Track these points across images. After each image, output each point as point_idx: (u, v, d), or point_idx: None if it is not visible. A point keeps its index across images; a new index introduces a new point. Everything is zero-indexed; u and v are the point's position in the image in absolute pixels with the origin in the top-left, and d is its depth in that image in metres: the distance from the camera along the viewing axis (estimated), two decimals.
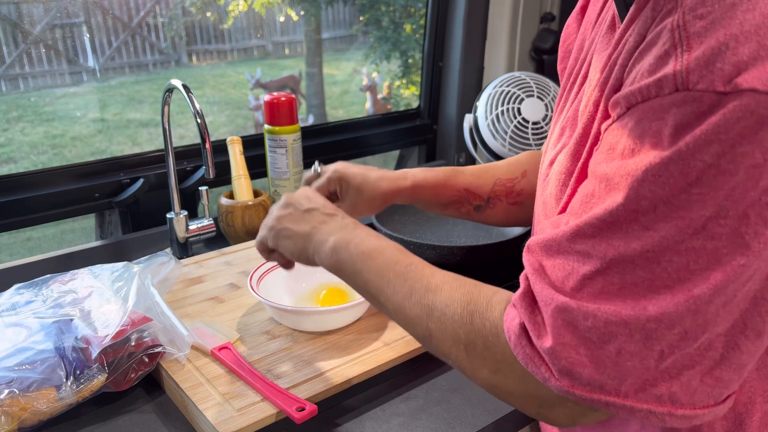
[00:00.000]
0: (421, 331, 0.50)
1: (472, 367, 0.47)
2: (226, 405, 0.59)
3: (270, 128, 1.00)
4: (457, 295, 0.48)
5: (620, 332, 0.37)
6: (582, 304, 0.38)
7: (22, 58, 2.15)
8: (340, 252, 0.55)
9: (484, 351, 0.45)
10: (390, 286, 0.52)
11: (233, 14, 2.89)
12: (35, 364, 0.60)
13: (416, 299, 0.50)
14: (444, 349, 0.48)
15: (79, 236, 1.31)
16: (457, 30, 1.29)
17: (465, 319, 0.47)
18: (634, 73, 0.38)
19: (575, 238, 0.39)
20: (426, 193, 0.73)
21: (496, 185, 0.75)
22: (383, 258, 0.53)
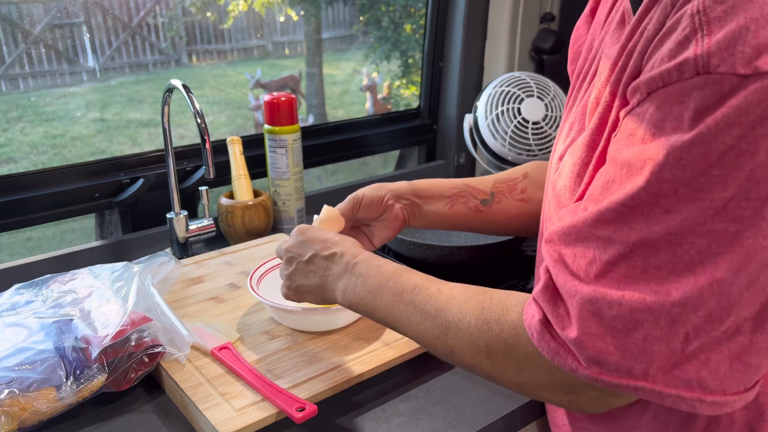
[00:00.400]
0: (443, 349, 0.51)
1: (498, 372, 0.48)
2: (226, 405, 0.59)
3: (270, 128, 1.00)
4: (468, 307, 0.50)
5: (646, 319, 0.38)
6: (606, 292, 0.39)
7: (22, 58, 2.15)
8: (349, 297, 0.58)
9: (506, 354, 0.46)
10: (403, 318, 0.54)
11: (233, 14, 2.89)
12: (35, 364, 0.60)
13: (430, 322, 0.52)
14: (468, 362, 0.50)
15: (79, 236, 1.31)
16: (457, 30, 1.29)
17: (481, 328, 0.48)
18: (654, 59, 0.39)
19: (596, 224, 0.40)
20: (425, 188, 0.73)
21: (497, 182, 0.75)
22: (388, 291, 0.55)
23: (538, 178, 0.76)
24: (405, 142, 1.38)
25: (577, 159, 0.48)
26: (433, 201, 0.74)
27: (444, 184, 0.74)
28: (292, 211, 1.04)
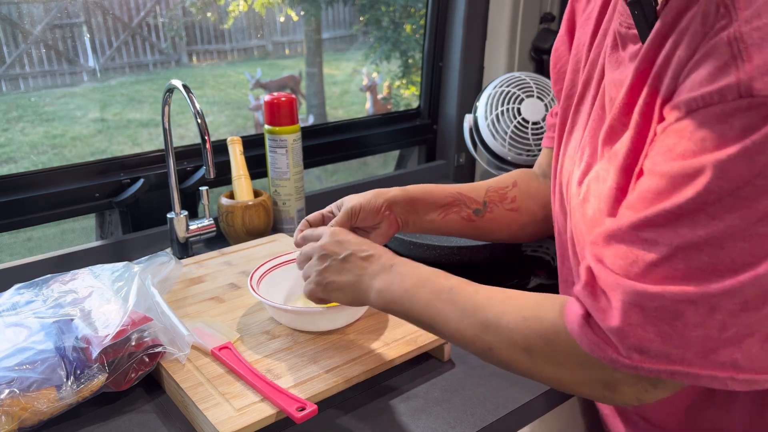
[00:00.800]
0: (481, 346, 0.53)
1: (536, 368, 0.50)
2: (227, 405, 0.59)
3: (270, 128, 1.00)
4: (506, 306, 0.52)
5: (687, 309, 0.40)
6: (648, 287, 0.41)
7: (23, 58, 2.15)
8: (385, 295, 0.59)
9: (544, 349, 0.48)
10: (441, 315, 0.55)
11: (233, 14, 2.89)
12: (35, 364, 0.60)
13: (468, 320, 0.53)
14: (505, 358, 0.51)
15: (80, 236, 1.31)
16: (457, 30, 1.29)
17: (520, 326, 0.50)
18: (691, 82, 0.42)
19: (641, 228, 0.42)
20: (420, 195, 0.73)
21: (488, 191, 0.77)
22: (426, 290, 0.57)
23: (527, 186, 0.78)
24: (405, 142, 1.38)
25: (613, 183, 0.50)
26: (427, 210, 0.74)
27: (438, 192, 0.75)
28: (292, 211, 1.04)
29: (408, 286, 0.58)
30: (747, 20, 0.39)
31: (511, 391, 0.65)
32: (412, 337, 0.70)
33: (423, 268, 0.59)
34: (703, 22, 0.42)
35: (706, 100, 0.40)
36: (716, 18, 0.41)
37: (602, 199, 0.52)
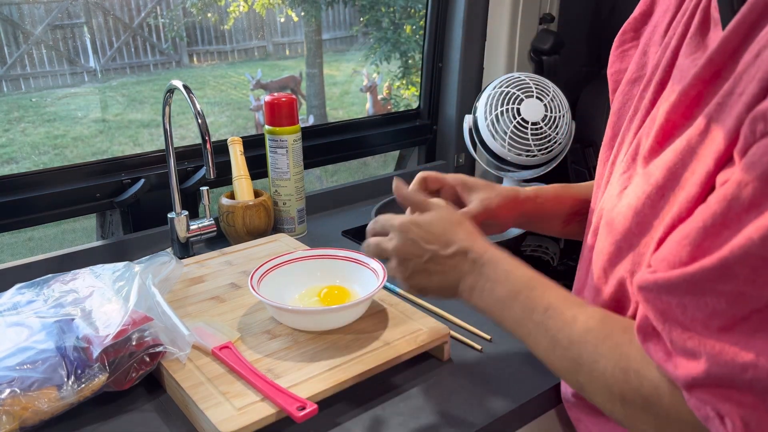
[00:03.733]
0: (572, 383, 0.49)
1: (633, 422, 0.45)
2: (227, 404, 0.59)
3: (270, 129, 1.00)
4: (605, 350, 0.46)
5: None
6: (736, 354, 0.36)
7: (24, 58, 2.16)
8: (475, 300, 0.55)
9: (645, 407, 0.43)
10: (531, 338, 0.51)
11: (234, 15, 2.89)
12: (36, 364, 0.60)
13: (560, 352, 0.48)
14: (598, 402, 0.47)
15: (80, 236, 1.31)
16: (456, 31, 1.29)
17: (618, 377, 0.44)
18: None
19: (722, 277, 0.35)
20: (548, 203, 0.70)
21: None
22: (518, 306, 0.52)
23: None
24: (405, 142, 1.38)
25: (654, 181, 0.44)
26: (551, 219, 0.70)
27: (567, 196, 0.70)
28: (292, 212, 1.04)
29: (498, 296, 0.53)
30: None
31: (510, 392, 0.66)
32: (412, 337, 0.70)
33: (517, 271, 0.53)
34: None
35: None
36: None
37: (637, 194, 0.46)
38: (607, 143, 0.60)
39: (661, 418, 0.43)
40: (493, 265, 0.54)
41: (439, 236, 0.56)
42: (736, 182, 0.36)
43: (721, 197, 0.36)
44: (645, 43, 0.57)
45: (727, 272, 0.35)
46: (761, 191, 0.34)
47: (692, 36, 0.48)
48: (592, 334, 0.47)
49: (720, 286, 0.36)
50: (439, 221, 0.57)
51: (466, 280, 0.55)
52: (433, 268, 0.56)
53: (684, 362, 0.39)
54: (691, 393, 0.39)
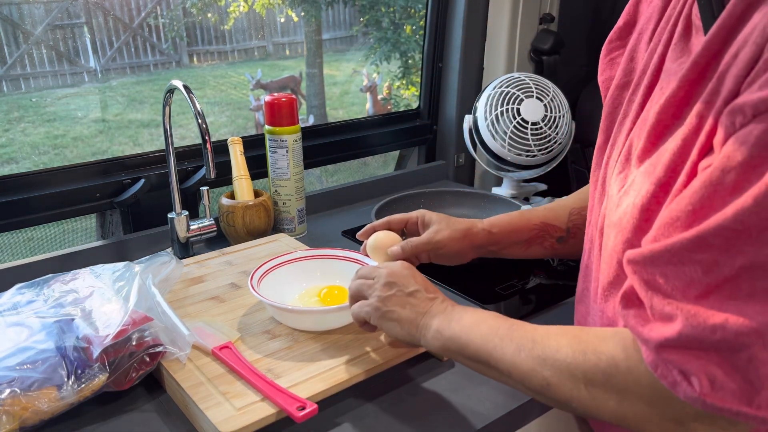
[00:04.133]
0: (539, 382, 0.51)
1: (597, 403, 0.47)
2: (227, 404, 0.59)
3: (270, 129, 1.01)
4: (564, 339, 0.50)
5: (752, 342, 0.37)
6: (708, 315, 0.38)
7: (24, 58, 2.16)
8: (443, 333, 0.58)
9: (605, 383, 0.46)
10: (498, 350, 0.54)
11: (234, 15, 2.90)
12: (36, 364, 0.60)
13: (525, 354, 0.52)
14: (564, 394, 0.49)
15: (81, 236, 1.31)
16: (456, 31, 1.29)
17: (578, 359, 0.48)
18: (760, 82, 0.38)
19: (697, 247, 0.39)
20: (504, 234, 0.74)
21: (571, 215, 0.75)
22: (485, 325, 0.56)
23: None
24: (405, 142, 1.38)
25: (655, 179, 0.47)
26: (510, 246, 0.75)
27: (522, 225, 0.75)
28: (292, 212, 1.04)
29: (465, 323, 0.58)
30: None
31: (511, 391, 0.66)
32: None
33: (481, 310, 0.60)
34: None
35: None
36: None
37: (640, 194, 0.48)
38: (600, 148, 0.62)
39: (621, 390, 0.45)
40: (462, 307, 0.61)
41: (425, 282, 0.64)
42: (720, 168, 0.39)
43: (706, 182, 0.39)
44: (631, 49, 0.60)
45: (702, 243, 0.38)
46: (743, 177, 0.37)
47: (677, 42, 0.51)
48: (552, 333, 0.52)
49: (697, 256, 0.39)
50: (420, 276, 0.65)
51: (436, 318, 0.60)
52: (411, 301, 0.61)
53: (659, 326, 0.41)
54: (659, 355, 0.41)
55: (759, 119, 0.37)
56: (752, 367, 0.38)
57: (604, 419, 0.48)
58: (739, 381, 0.38)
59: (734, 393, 0.39)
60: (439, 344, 0.59)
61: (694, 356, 0.39)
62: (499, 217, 0.76)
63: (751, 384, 0.38)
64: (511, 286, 0.89)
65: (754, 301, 0.37)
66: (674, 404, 0.42)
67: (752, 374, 0.38)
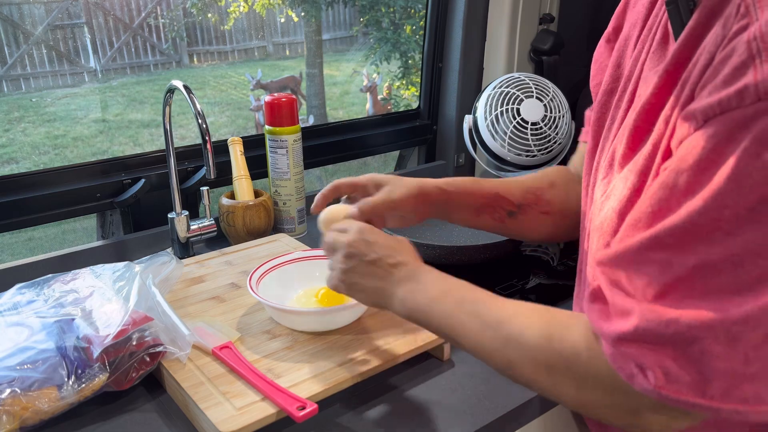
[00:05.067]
0: (501, 361, 0.52)
1: (557, 389, 0.48)
2: (227, 404, 0.59)
3: (271, 129, 1.01)
4: (531, 322, 0.50)
5: (704, 335, 0.38)
6: (664, 312, 0.39)
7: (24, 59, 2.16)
8: (409, 303, 0.58)
9: (566, 371, 0.47)
10: (463, 326, 0.54)
11: (234, 15, 2.90)
12: (37, 364, 0.60)
13: (491, 333, 0.52)
14: (526, 376, 0.50)
15: (81, 236, 1.32)
16: (456, 31, 1.29)
17: (542, 345, 0.48)
18: (708, 88, 0.39)
19: (653, 247, 0.40)
20: (459, 193, 0.72)
21: (526, 192, 0.75)
22: (451, 299, 0.56)
23: (564, 187, 0.76)
24: (405, 142, 1.38)
25: (630, 185, 0.48)
26: (460, 210, 0.73)
27: (476, 191, 0.73)
28: (292, 212, 1.05)
29: (432, 295, 0.57)
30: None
31: (511, 391, 0.66)
32: (411, 337, 0.70)
33: (449, 278, 0.58)
34: (725, 24, 0.40)
35: (724, 105, 0.37)
36: (736, 19, 0.38)
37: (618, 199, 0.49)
38: (590, 152, 0.63)
39: (581, 378, 0.46)
40: (428, 273, 0.59)
41: (388, 247, 0.61)
42: (674, 171, 0.40)
43: (663, 184, 0.41)
44: (618, 55, 0.60)
45: (658, 242, 0.40)
46: (694, 179, 0.39)
47: (655, 50, 0.51)
48: (519, 314, 0.51)
49: (653, 255, 0.40)
50: (391, 238, 0.63)
51: (402, 286, 0.59)
52: (373, 270, 0.60)
53: (617, 321, 0.42)
54: (616, 348, 0.42)
55: (708, 124, 0.38)
56: (705, 360, 0.39)
57: (563, 403, 0.50)
58: (693, 373, 0.39)
59: (688, 385, 0.40)
60: (405, 312, 0.59)
61: (649, 350, 0.40)
62: (454, 178, 0.75)
63: (703, 376, 0.39)
64: (511, 286, 0.89)
65: (707, 299, 0.38)
66: (631, 395, 0.43)
67: (705, 367, 0.39)
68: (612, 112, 0.59)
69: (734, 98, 0.36)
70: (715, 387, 0.39)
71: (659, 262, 0.40)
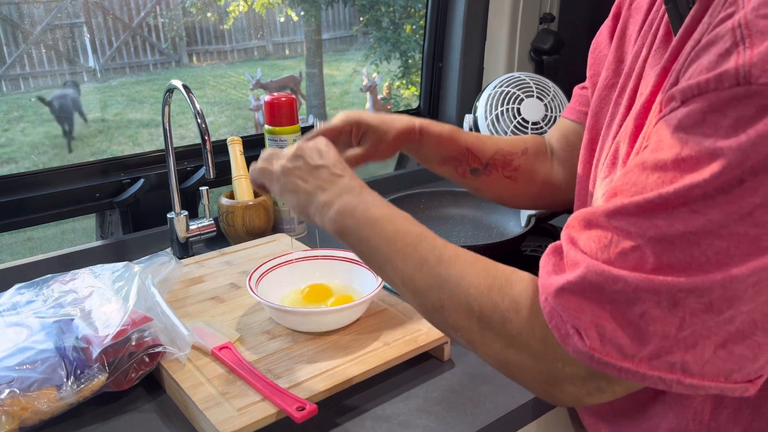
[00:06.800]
0: (432, 302, 0.49)
1: (484, 341, 0.47)
2: (227, 404, 0.59)
3: (270, 128, 1.00)
4: (474, 269, 0.48)
5: (648, 298, 0.38)
6: (613, 268, 0.39)
7: (23, 58, 2.16)
8: (345, 218, 0.54)
9: (499, 326, 0.46)
10: (399, 256, 0.51)
11: (233, 15, 2.90)
12: (36, 364, 0.60)
13: (428, 270, 0.49)
14: (455, 321, 0.48)
15: (80, 236, 1.31)
16: (456, 30, 1.29)
17: (482, 293, 0.47)
18: (690, 71, 0.39)
19: (615, 215, 0.40)
20: (432, 141, 0.71)
21: (496, 153, 0.75)
22: (392, 226, 0.52)
23: (534, 158, 0.76)
24: None
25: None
26: (427, 155, 0.73)
27: (449, 143, 0.72)
28: (292, 212, 1.04)
29: (372, 216, 0.53)
30: (755, 8, 0.36)
31: (511, 391, 0.66)
32: (411, 337, 0.70)
33: (395, 208, 0.54)
34: (712, 13, 0.40)
35: (702, 87, 0.37)
36: (723, 7, 0.39)
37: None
38: (587, 145, 0.62)
39: (510, 337, 0.45)
40: (372, 193, 0.56)
41: (337, 160, 0.58)
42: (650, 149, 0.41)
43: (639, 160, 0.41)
44: (618, 49, 0.60)
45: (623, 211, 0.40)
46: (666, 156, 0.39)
47: (657, 47, 0.51)
48: (461, 257, 0.49)
49: (615, 222, 0.40)
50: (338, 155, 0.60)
51: (341, 198, 0.55)
52: (314, 174, 0.57)
53: (566, 273, 0.42)
54: (557, 300, 0.42)
55: (686, 104, 0.39)
56: (642, 323, 0.39)
57: (483, 357, 0.48)
58: (629, 335, 0.39)
59: (620, 348, 0.40)
60: (336, 228, 0.54)
61: (588, 306, 0.40)
62: (436, 123, 0.73)
63: (637, 339, 0.39)
64: None
65: (658, 272, 0.38)
66: (554, 364, 0.44)
67: (640, 330, 0.39)
68: (612, 108, 0.58)
69: (713, 81, 0.37)
70: (646, 351, 0.39)
71: (619, 228, 0.40)
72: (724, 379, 0.39)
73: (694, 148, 0.37)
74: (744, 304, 0.38)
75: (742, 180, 0.35)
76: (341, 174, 0.57)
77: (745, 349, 0.39)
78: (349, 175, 0.57)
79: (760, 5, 0.36)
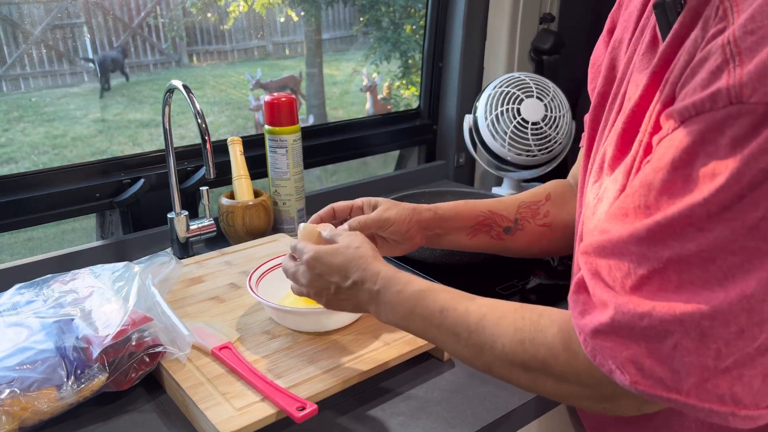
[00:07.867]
0: (481, 366, 0.54)
1: (536, 384, 0.50)
2: (227, 404, 0.59)
3: (270, 128, 1.00)
4: (501, 329, 0.51)
5: (676, 329, 0.39)
6: (639, 303, 0.40)
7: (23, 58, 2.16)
8: (383, 319, 0.60)
9: (544, 369, 0.49)
10: (438, 340, 0.56)
11: (233, 15, 2.89)
12: (36, 364, 0.60)
13: (463, 343, 0.54)
14: (506, 375, 0.52)
15: (80, 236, 1.31)
16: (456, 30, 1.29)
17: (516, 349, 0.50)
18: (687, 89, 0.40)
19: (631, 241, 0.41)
20: (449, 217, 0.73)
21: (520, 207, 0.75)
22: (418, 318, 0.57)
23: (561, 199, 0.76)
24: (405, 142, 1.38)
25: (620, 186, 0.49)
26: (456, 231, 0.74)
27: (469, 212, 0.74)
28: (292, 211, 1.04)
29: (400, 315, 0.58)
30: (742, 24, 0.37)
31: (511, 391, 0.66)
32: (411, 337, 0.70)
33: (408, 288, 0.58)
34: (704, 26, 0.41)
35: (698, 107, 0.38)
36: (715, 21, 0.39)
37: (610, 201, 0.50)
38: (585, 155, 0.63)
39: (558, 377, 0.48)
40: (386, 289, 0.59)
41: (339, 269, 0.61)
42: (653, 169, 0.41)
43: (643, 180, 0.42)
44: (611, 57, 0.61)
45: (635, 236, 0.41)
46: (669, 177, 0.40)
47: (644, 53, 0.52)
48: (486, 319, 0.53)
49: (631, 247, 0.41)
50: (338, 254, 0.62)
51: (370, 306, 0.60)
52: (341, 297, 0.62)
53: (597, 314, 0.43)
54: (595, 341, 0.43)
55: (685, 125, 0.40)
56: (677, 356, 0.39)
57: (544, 396, 0.52)
58: (666, 370, 0.40)
59: (662, 381, 0.40)
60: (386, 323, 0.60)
61: (623, 345, 0.41)
62: (445, 203, 0.75)
63: (676, 372, 0.40)
64: (512, 286, 0.89)
65: (680, 292, 0.39)
66: (607, 385, 0.45)
67: (677, 362, 0.39)
68: (605, 115, 0.59)
69: (707, 101, 0.38)
70: (689, 383, 0.39)
71: (636, 254, 0.41)
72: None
73: (696, 167, 0.38)
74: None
75: (741, 195, 0.36)
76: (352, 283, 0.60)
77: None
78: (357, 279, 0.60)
79: (747, 21, 0.37)
